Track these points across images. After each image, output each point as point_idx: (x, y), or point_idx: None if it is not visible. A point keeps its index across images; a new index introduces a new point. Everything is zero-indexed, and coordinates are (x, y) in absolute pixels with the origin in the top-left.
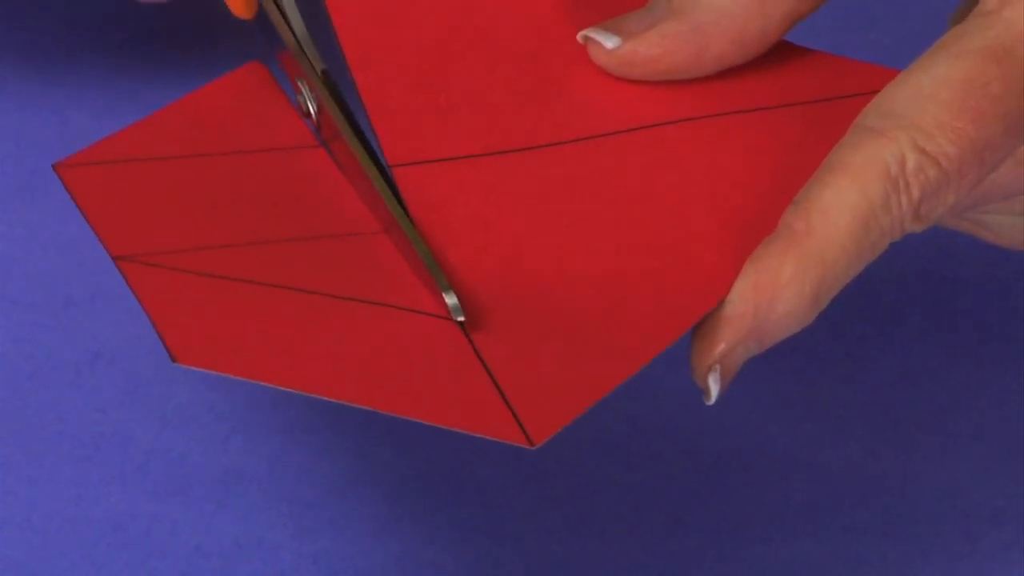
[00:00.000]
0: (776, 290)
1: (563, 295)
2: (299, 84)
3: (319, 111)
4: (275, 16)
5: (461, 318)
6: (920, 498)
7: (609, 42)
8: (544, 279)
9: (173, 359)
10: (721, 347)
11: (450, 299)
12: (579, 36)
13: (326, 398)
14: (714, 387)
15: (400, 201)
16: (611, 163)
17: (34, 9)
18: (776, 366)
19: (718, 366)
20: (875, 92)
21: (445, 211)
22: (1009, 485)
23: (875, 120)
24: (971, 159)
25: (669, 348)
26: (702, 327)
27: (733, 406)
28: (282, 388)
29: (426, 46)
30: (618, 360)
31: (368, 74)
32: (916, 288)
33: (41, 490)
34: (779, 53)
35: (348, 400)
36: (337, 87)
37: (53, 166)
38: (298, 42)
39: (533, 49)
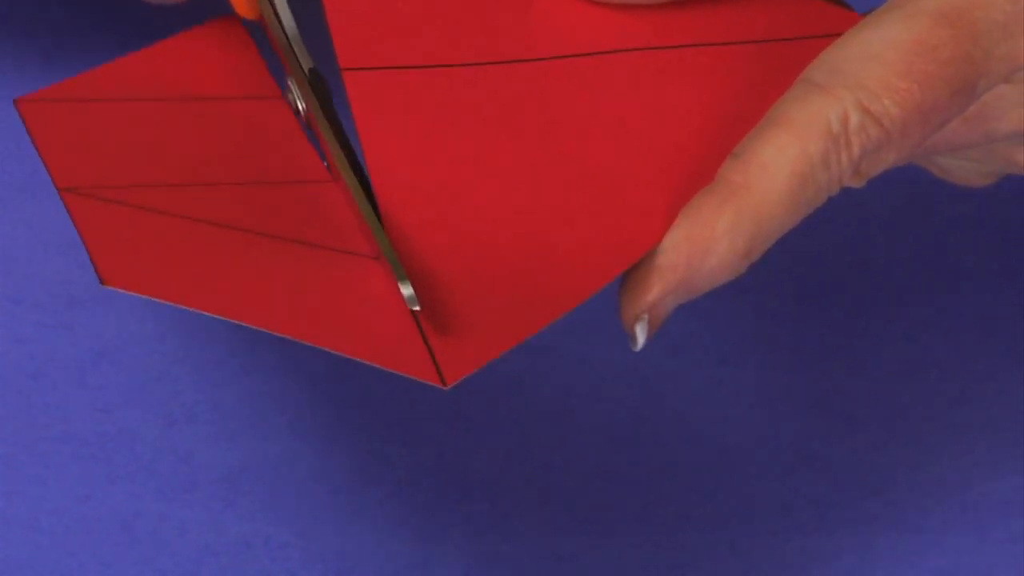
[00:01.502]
0: (709, 242)
1: (498, 230)
2: (289, 81)
3: (306, 110)
4: (267, 13)
5: (417, 308)
6: (927, 491)
7: None
8: (481, 211)
9: (101, 281)
10: (650, 297)
11: (406, 290)
12: None
13: (242, 323)
14: (641, 335)
15: (374, 206)
16: (562, 87)
17: (35, 9)
18: (782, 359)
19: (646, 315)
20: (837, 35)
21: (389, 121)
22: (1017, 477)
23: (821, 75)
24: (915, 120)
25: (676, 342)
26: (632, 275)
27: (740, 400)
28: (200, 312)
29: None
30: (542, 307)
31: None
32: (922, 280)
33: (47, 490)
34: None
35: (264, 326)
36: (324, 87)
37: (14, 101)
38: (288, 40)
39: None
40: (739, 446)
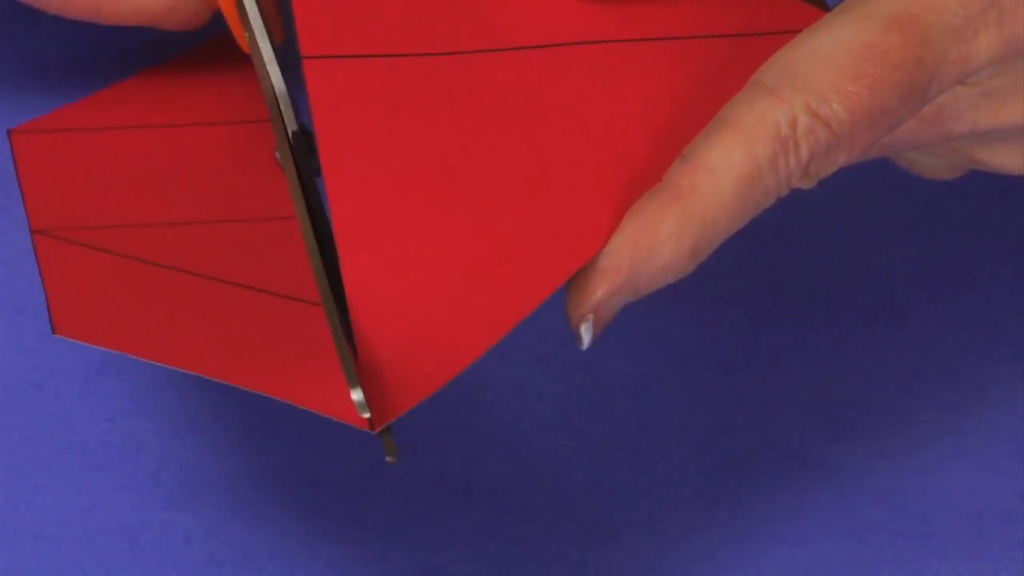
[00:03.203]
0: (654, 245)
1: (445, 240)
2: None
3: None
4: (258, 67)
5: (367, 415)
6: (932, 497)
7: None
8: (429, 219)
9: (53, 329)
10: (594, 299)
11: (356, 395)
12: None
13: (184, 370)
14: (586, 336)
15: (333, 287)
16: (521, 80)
17: (36, 11)
18: (786, 366)
19: (591, 316)
20: (799, 31)
21: (345, 113)
22: (1020, 484)
23: (771, 78)
24: (864, 124)
25: (679, 348)
26: (578, 276)
27: (744, 406)
28: (143, 359)
29: None
30: (485, 328)
31: None
32: (926, 287)
33: (53, 499)
34: None
35: (202, 372)
36: (309, 147)
37: (9, 132)
38: (275, 98)
39: None
40: (743, 453)
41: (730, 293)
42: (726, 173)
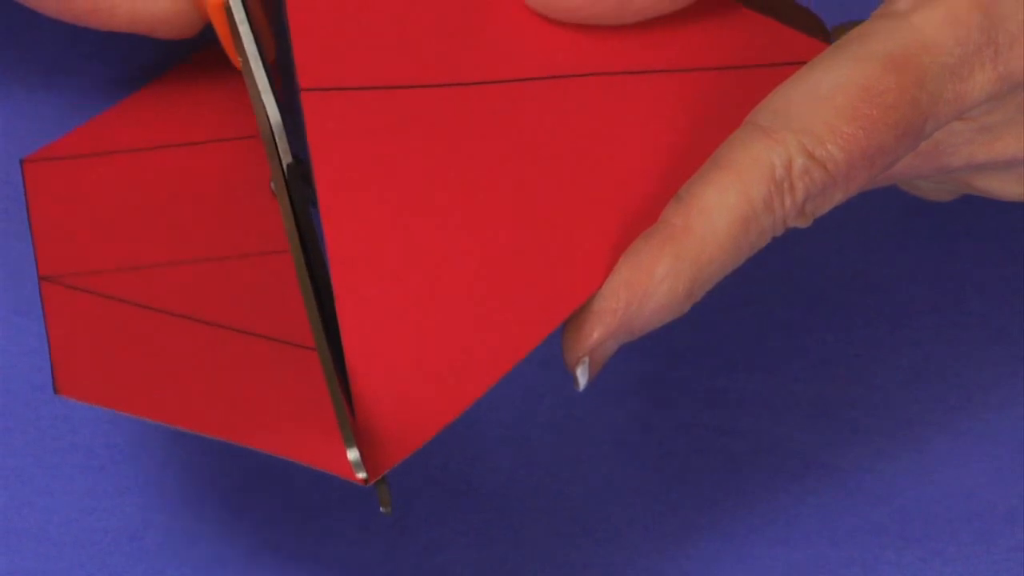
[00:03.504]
0: (649, 287)
1: (441, 283)
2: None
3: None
4: (253, 98)
5: (363, 475)
6: (934, 498)
7: None
8: (426, 260)
9: (55, 389)
10: (590, 342)
11: (352, 455)
12: None
13: (180, 428)
14: (582, 378)
15: (329, 331)
16: (519, 113)
17: (39, 16)
18: (788, 368)
19: (587, 358)
20: (799, 63)
21: (343, 147)
22: (1022, 485)
23: (767, 119)
24: (860, 164)
25: (682, 351)
26: (573, 319)
27: (745, 408)
28: (145, 420)
29: None
30: (482, 370)
31: None
32: (927, 289)
33: (56, 501)
34: (705, 8)
35: (201, 431)
36: (304, 177)
37: (22, 162)
38: (271, 130)
39: None
40: (745, 455)
41: (732, 295)
42: (721, 214)
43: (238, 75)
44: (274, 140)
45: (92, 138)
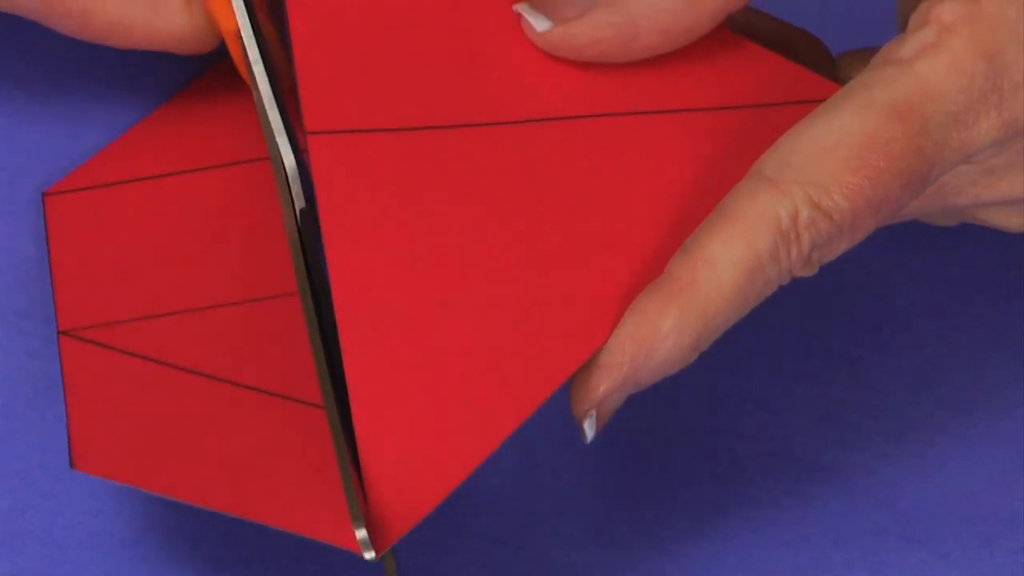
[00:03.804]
0: (654, 341)
1: (448, 337)
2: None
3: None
4: (269, 145)
5: (371, 554)
6: (937, 501)
7: (540, 25)
8: (432, 312)
9: (72, 464)
10: (597, 396)
11: (360, 534)
12: (514, 8)
13: (193, 504)
14: (590, 431)
15: (336, 375)
16: (526, 156)
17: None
18: (792, 371)
19: (594, 411)
20: (806, 102)
21: (352, 192)
22: None
23: (773, 169)
24: (866, 214)
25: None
26: (580, 372)
27: (749, 411)
28: (159, 495)
29: (367, 7)
30: (486, 432)
31: (304, 30)
32: (930, 292)
33: (60, 503)
34: (712, 44)
35: (212, 507)
36: (313, 229)
37: (43, 194)
38: (286, 177)
39: (472, 13)
40: (749, 458)
41: None
42: (727, 267)
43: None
44: (288, 186)
45: (111, 165)
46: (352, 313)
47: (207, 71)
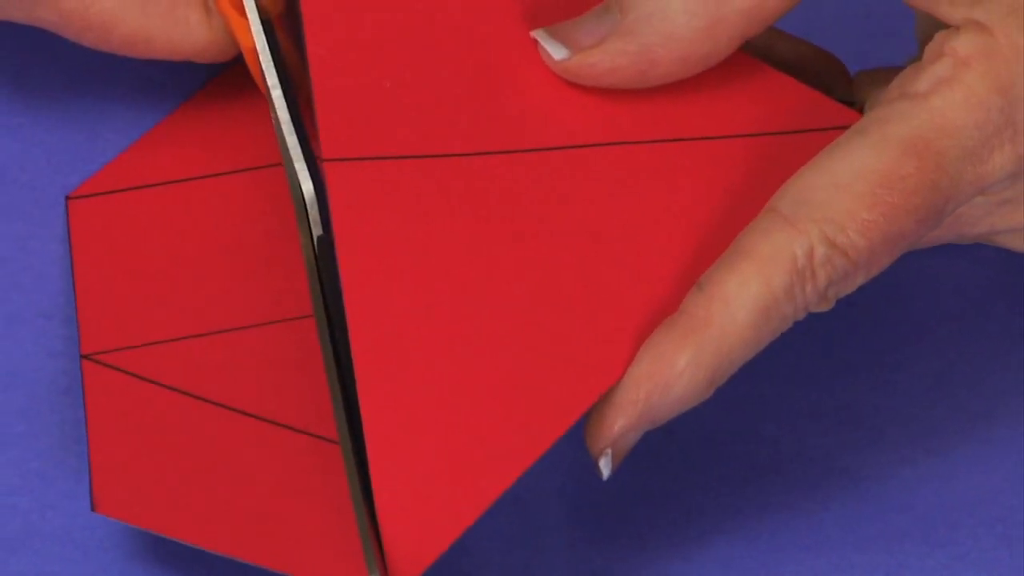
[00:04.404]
0: (670, 378)
1: (464, 370)
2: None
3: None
4: (288, 172)
5: None
6: (956, 505)
7: (557, 53)
8: (448, 346)
9: (93, 507)
10: (613, 433)
11: None
12: (531, 34)
13: (209, 550)
14: (606, 469)
15: (350, 407)
16: (543, 185)
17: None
18: (811, 374)
19: (609, 450)
20: (823, 130)
21: (369, 220)
22: None
23: (787, 206)
24: (882, 250)
25: None
26: (595, 410)
27: (768, 415)
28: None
29: (384, 33)
30: (502, 466)
31: (322, 55)
32: (949, 295)
33: (80, 505)
34: (729, 69)
35: (227, 553)
36: (330, 257)
37: (67, 198)
38: (304, 203)
39: (490, 38)
40: (768, 461)
41: None
42: (742, 304)
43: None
44: (306, 212)
45: (133, 168)
46: (367, 346)
47: (227, 70)
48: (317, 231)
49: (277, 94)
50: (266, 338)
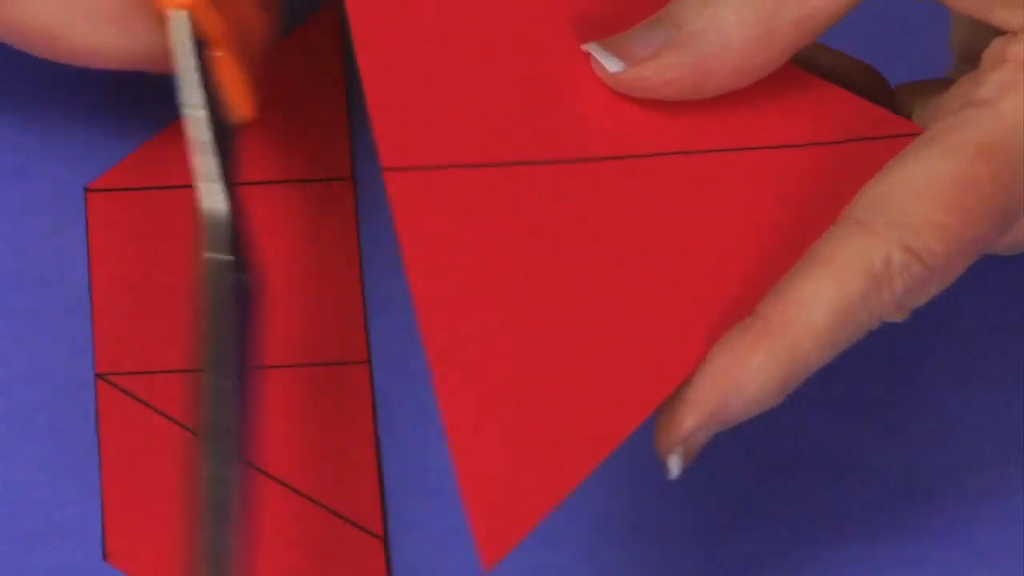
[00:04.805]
0: (744, 378)
1: (534, 369)
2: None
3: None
4: (195, 182)
5: None
6: (976, 499)
7: (612, 66)
8: (519, 345)
9: (104, 556)
10: (683, 431)
11: None
12: (583, 47)
13: None
14: (675, 467)
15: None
16: (606, 193)
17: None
18: (831, 368)
19: (681, 447)
20: (877, 139)
21: (432, 227)
22: None
23: (863, 212)
24: (957, 255)
25: None
26: (666, 407)
27: (789, 410)
28: None
29: (436, 42)
30: (577, 459)
31: (374, 65)
32: (973, 290)
33: (101, 500)
34: (779, 80)
35: None
36: (217, 283)
37: (85, 190)
38: (205, 219)
39: (539, 47)
40: (788, 455)
41: None
42: (819, 309)
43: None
44: (205, 228)
45: (153, 164)
46: (441, 349)
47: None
48: (220, 254)
49: (195, 114)
50: (283, 382)
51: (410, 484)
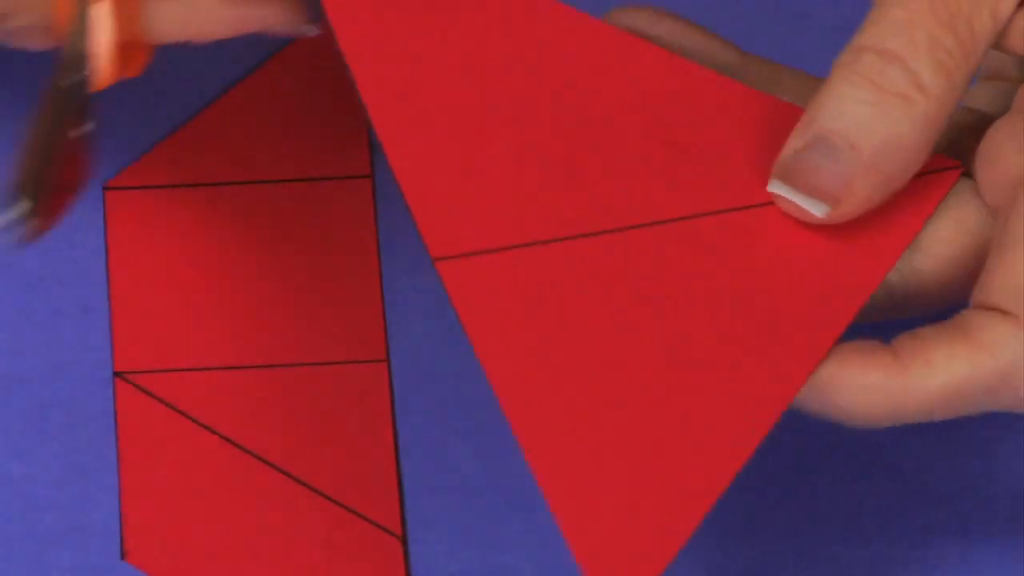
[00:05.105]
0: (845, 382)
1: (619, 430)
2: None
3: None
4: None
5: None
6: (997, 499)
7: (817, 211)
8: (598, 407)
9: (122, 555)
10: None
11: None
12: (771, 191)
13: None
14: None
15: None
16: (645, 260)
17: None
18: None
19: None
20: (923, 174)
21: (494, 310)
22: None
23: (1004, 300)
24: None
25: None
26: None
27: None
28: None
29: (458, 111)
30: (679, 513)
31: (403, 153)
32: None
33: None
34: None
35: None
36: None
37: (103, 187)
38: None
39: (561, 116)
40: (808, 454)
41: None
42: (941, 377)
43: (313, 91)
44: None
45: (171, 162)
46: (529, 429)
47: (275, 56)
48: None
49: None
50: (301, 380)
51: (428, 482)
